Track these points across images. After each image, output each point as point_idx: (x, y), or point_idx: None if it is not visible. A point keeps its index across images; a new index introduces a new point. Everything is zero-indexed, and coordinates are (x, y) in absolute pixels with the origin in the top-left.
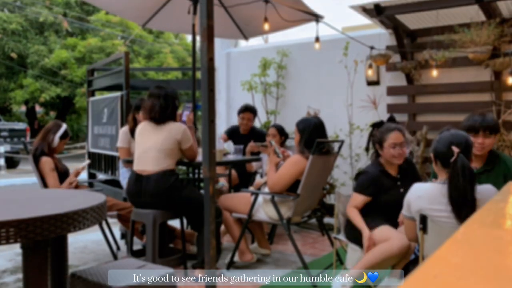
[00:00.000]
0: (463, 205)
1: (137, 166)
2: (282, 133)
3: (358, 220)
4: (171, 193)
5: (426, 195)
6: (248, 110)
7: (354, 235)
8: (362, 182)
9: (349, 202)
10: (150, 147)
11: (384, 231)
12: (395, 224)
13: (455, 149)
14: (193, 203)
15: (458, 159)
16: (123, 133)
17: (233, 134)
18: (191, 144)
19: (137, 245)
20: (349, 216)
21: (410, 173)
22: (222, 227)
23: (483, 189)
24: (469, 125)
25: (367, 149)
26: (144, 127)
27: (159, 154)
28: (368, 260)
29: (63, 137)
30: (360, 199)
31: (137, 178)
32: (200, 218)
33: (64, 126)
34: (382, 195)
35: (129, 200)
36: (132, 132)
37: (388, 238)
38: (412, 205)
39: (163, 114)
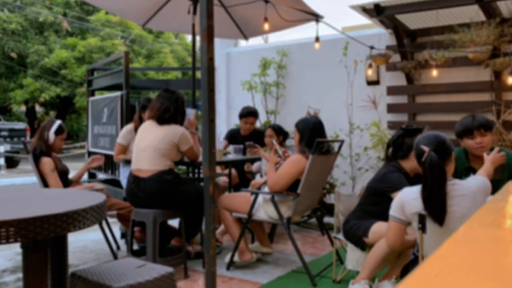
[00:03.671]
0: (433, 202)
1: (134, 165)
2: (279, 133)
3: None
4: (168, 191)
5: (419, 197)
6: (251, 115)
7: (353, 236)
8: (400, 179)
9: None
10: (146, 146)
11: (378, 228)
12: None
13: (425, 148)
14: (192, 196)
15: (427, 157)
16: (126, 130)
17: (233, 137)
18: (191, 146)
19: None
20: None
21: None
22: (222, 227)
23: (470, 182)
24: (463, 128)
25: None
26: (144, 126)
27: (154, 153)
28: (373, 264)
29: (58, 132)
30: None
31: (134, 179)
32: (198, 212)
33: (57, 122)
34: None
35: (128, 200)
36: (137, 131)
37: (383, 234)
38: (407, 207)
39: (169, 116)
